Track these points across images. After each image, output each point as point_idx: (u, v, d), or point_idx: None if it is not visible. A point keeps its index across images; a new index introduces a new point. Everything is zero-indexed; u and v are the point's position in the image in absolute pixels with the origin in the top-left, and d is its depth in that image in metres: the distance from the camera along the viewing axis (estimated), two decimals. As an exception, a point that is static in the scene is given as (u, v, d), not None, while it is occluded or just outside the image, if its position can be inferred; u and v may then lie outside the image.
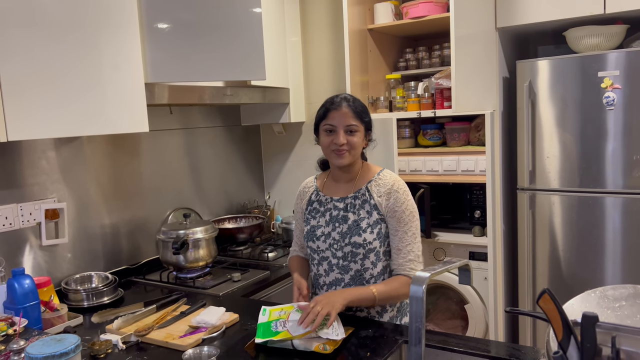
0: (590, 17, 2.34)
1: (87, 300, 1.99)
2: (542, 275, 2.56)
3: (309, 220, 1.74)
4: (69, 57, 1.71)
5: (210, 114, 2.87)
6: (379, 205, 1.64)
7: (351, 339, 1.50)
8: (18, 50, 1.58)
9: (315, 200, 1.75)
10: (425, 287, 1.03)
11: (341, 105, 1.62)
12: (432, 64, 2.78)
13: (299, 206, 1.81)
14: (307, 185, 1.82)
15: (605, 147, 2.34)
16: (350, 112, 1.61)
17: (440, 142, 2.80)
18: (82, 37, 1.75)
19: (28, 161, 2.02)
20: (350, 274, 1.65)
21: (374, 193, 1.65)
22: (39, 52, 1.63)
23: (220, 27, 2.08)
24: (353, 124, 1.61)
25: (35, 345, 1.28)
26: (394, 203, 1.63)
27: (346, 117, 1.60)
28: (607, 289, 1.07)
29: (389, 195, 1.64)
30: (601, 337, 0.91)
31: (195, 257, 2.26)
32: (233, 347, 1.52)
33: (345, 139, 1.60)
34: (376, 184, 1.67)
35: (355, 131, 1.62)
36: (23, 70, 1.59)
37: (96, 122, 1.81)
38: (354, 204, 1.67)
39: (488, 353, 1.39)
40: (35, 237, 2.03)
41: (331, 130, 1.62)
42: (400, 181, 1.68)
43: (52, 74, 1.67)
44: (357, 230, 1.63)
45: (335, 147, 1.61)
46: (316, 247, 1.70)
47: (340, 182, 1.72)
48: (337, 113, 1.61)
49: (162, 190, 2.57)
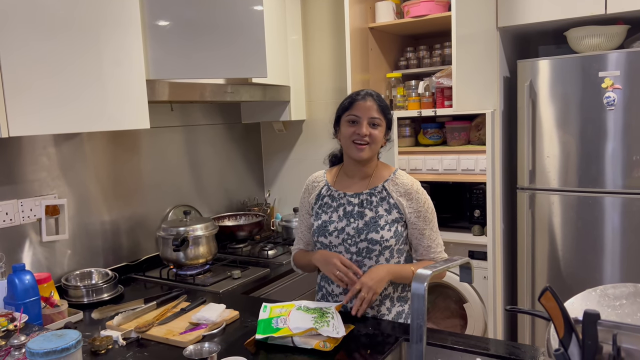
0: (591, 17, 2.35)
1: (87, 296, 1.99)
2: (542, 275, 2.57)
3: (319, 215, 1.72)
4: (70, 53, 1.71)
5: (211, 112, 2.87)
6: (400, 204, 1.65)
7: (351, 337, 1.51)
8: (20, 47, 1.58)
9: (327, 195, 1.74)
10: (427, 285, 1.03)
11: (366, 98, 1.64)
12: (432, 63, 2.78)
13: (306, 200, 1.79)
14: (316, 179, 1.80)
15: (605, 147, 2.34)
16: (375, 105, 1.63)
17: (440, 141, 2.80)
18: (84, 34, 1.75)
19: (29, 157, 2.02)
20: (363, 270, 1.64)
21: (393, 192, 1.66)
22: (41, 49, 1.63)
23: (222, 24, 2.08)
24: (377, 117, 1.63)
25: (36, 341, 1.28)
26: (416, 204, 1.65)
27: (371, 110, 1.62)
28: (607, 288, 1.08)
29: (410, 196, 1.65)
30: (602, 335, 0.92)
31: (196, 254, 2.26)
32: (233, 344, 1.52)
33: (368, 131, 1.61)
34: (393, 184, 1.67)
35: (378, 125, 1.64)
36: (25, 66, 1.59)
37: (98, 118, 1.81)
38: (371, 200, 1.66)
39: (487, 351, 1.39)
40: (36, 233, 2.03)
41: (354, 121, 1.63)
42: (416, 182, 1.70)
43: (53, 70, 1.67)
44: (375, 227, 1.63)
45: (357, 138, 1.62)
46: (328, 242, 1.68)
47: (355, 178, 1.72)
48: (362, 104, 1.63)
49: (162, 187, 2.57)
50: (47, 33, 1.65)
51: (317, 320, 1.48)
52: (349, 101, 1.66)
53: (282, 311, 1.57)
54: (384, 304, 1.67)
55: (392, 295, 1.68)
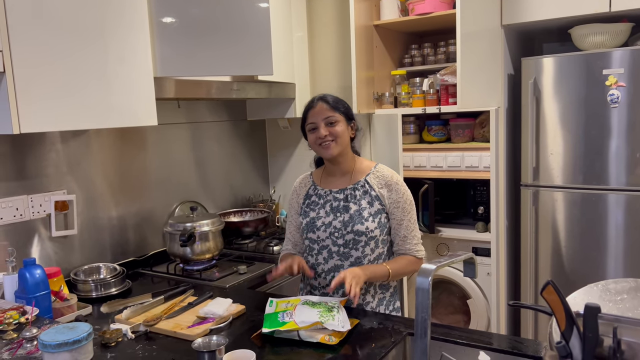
0: (596, 14, 2.36)
1: (96, 290, 2.02)
2: (545, 271, 2.59)
3: (307, 213, 1.81)
4: (79, 52, 1.73)
5: (217, 109, 2.89)
6: (381, 196, 1.74)
7: (356, 331, 1.53)
8: (31, 46, 1.60)
9: (314, 194, 1.83)
10: (432, 279, 1.05)
11: (317, 104, 1.74)
12: (437, 60, 2.79)
13: (295, 202, 1.89)
14: (302, 181, 1.90)
15: (609, 144, 2.35)
16: (326, 106, 1.73)
17: (444, 138, 2.82)
18: (93, 32, 1.77)
19: (38, 153, 2.05)
20: (350, 261, 1.74)
21: (375, 185, 1.75)
22: (51, 47, 1.65)
23: (228, 22, 2.10)
24: (330, 115, 1.72)
25: (49, 333, 1.31)
26: (396, 195, 1.74)
27: (323, 112, 1.72)
28: (609, 283, 1.10)
29: (390, 187, 1.75)
30: (603, 328, 0.94)
31: (202, 250, 2.29)
32: (240, 337, 1.54)
33: (326, 131, 1.71)
34: (375, 177, 1.77)
35: (335, 121, 1.72)
36: (35, 64, 1.61)
37: (106, 115, 1.83)
38: (354, 194, 1.76)
39: (491, 345, 1.41)
40: (45, 228, 2.06)
41: (314, 128, 1.74)
42: (396, 174, 1.80)
43: (63, 68, 1.69)
44: (360, 219, 1.72)
45: (320, 141, 1.72)
46: (316, 237, 1.77)
47: (336, 175, 1.82)
48: (314, 111, 1.74)
49: (169, 183, 2.60)
50: (57, 32, 1.67)
51: (323, 314, 1.50)
52: (304, 113, 1.78)
53: (288, 306, 1.60)
54: (368, 292, 1.76)
55: (374, 284, 1.77)
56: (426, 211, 2.75)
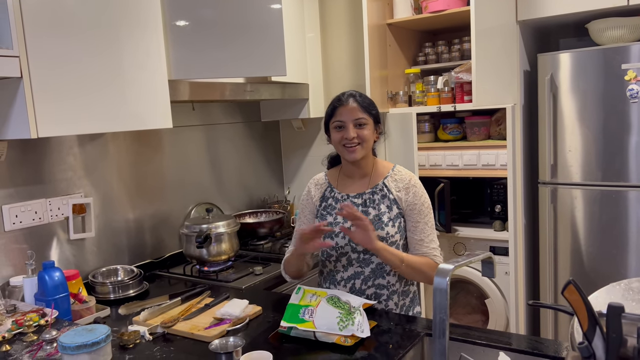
0: (614, 8, 2.31)
1: (114, 292, 2.03)
2: (564, 270, 2.55)
3: (324, 216, 1.75)
4: (95, 56, 1.75)
5: (231, 110, 2.90)
6: (399, 199, 1.69)
7: (373, 332, 1.52)
8: (47, 50, 1.62)
9: (330, 197, 1.76)
10: (449, 279, 1.04)
11: (348, 101, 1.66)
12: (451, 58, 2.77)
13: (311, 201, 1.81)
14: (317, 182, 1.83)
15: (629, 140, 2.31)
16: (358, 106, 1.66)
17: (460, 137, 2.79)
18: (109, 37, 1.79)
19: (56, 157, 2.07)
20: (371, 267, 1.68)
21: (392, 188, 1.70)
22: (67, 52, 1.67)
23: (241, 24, 2.10)
24: (361, 117, 1.65)
25: (68, 335, 1.33)
26: (413, 197, 1.68)
27: (354, 112, 1.65)
28: (632, 282, 1.07)
29: (408, 189, 1.69)
30: (626, 328, 0.91)
31: (218, 251, 2.30)
32: (257, 338, 1.54)
33: (355, 133, 1.64)
34: (393, 179, 1.71)
35: (364, 124, 1.66)
36: (52, 69, 1.63)
37: (122, 118, 1.85)
38: (373, 199, 1.70)
39: (510, 346, 1.39)
40: (63, 231, 2.09)
41: (341, 127, 1.66)
42: (415, 176, 1.74)
43: (79, 72, 1.71)
44: (380, 224, 1.66)
45: (346, 142, 1.65)
46: (335, 243, 1.71)
47: (355, 177, 1.75)
48: (344, 109, 1.66)
49: (184, 186, 2.62)
50: (74, 37, 1.69)
51: (343, 319, 1.48)
52: (331, 108, 1.70)
53: (313, 299, 1.57)
54: (391, 299, 1.70)
55: (398, 290, 1.71)
56: (442, 210, 2.72)
